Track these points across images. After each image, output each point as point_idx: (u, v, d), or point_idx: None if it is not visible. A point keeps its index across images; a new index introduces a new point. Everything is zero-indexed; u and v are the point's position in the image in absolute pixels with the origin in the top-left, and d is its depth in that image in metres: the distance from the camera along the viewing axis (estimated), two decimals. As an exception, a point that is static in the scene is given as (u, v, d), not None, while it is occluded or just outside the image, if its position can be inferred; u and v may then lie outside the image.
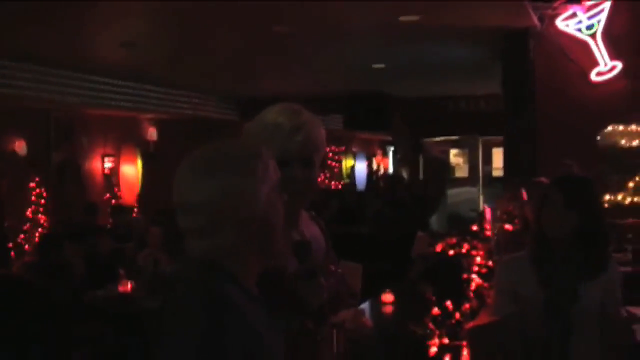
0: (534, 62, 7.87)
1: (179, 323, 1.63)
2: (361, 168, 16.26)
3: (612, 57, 7.66)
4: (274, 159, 1.81)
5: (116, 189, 10.69)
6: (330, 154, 16.00)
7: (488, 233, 4.61)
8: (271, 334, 1.71)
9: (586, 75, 7.73)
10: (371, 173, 16.33)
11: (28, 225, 9.17)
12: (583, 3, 7.60)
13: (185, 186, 1.69)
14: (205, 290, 1.64)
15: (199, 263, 1.70)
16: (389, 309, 5.11)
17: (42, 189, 9.42)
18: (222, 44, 8.61)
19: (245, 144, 1.87)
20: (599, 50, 7.67)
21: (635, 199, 7.38)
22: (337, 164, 16.47)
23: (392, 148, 17.30)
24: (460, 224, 6.22)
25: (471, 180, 17.77)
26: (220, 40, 8.31)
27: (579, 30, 7.70)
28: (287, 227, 2.19)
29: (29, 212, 9.22)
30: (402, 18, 7.14)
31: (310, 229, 2.37)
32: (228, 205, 1.66)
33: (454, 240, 4.82)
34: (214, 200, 1.66)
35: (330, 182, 15.88)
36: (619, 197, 7.41)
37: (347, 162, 16.78)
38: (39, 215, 9.33)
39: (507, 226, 4.30)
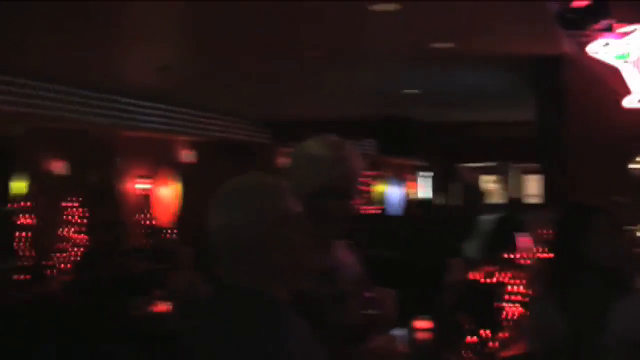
0: (567, 89, 7.86)
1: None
2: (393, 193, 16.25)
3: (647, 84, 7.63)
4: (294, 191, 1.89)
5: (151, 211, 10.80)
6: (363, 179, 15.99)
7: (522, 261, 4.60)
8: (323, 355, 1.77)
9: (620, 102, 7.71)
10: (404, 198, 16.32)
11: (65, 244, 9.30)
12: (616, 30, 7.60)
13: (213, 213, 1.80)
14: (269, 321, 1.70)
15: (244, 291, 1.75)
16: (423, 335, 5.11)
17: (79, 209, 9.56)
18: (255, 68, 8.72)
19: (268, 177, 1.93)
20: (633, 77, 7.65)
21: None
22: (369, 189, 16.47)
23: (425, 173, 17.28)
24: (493, 251, 6.23)
25: (504, 206, 17.66)
26: (252, 64, 8.42)
27: (612, 57, 7.69)
28: (320, 254, 2.25)
29: (65, 232, 9.36)
30: (435, 45, 7.20)
31: (344, 256, 2.42)
32: (253, 232, 1.74)
33: (490, 268, 4.82)
34: (240, 226, 1.75)
35: (362, 207, 15.88)
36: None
37: (379, 187, 16.77)
38: (76, 235, 9.46)
39: (544, 255, 4.30)
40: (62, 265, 8.96)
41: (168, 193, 10.72)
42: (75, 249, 9.27)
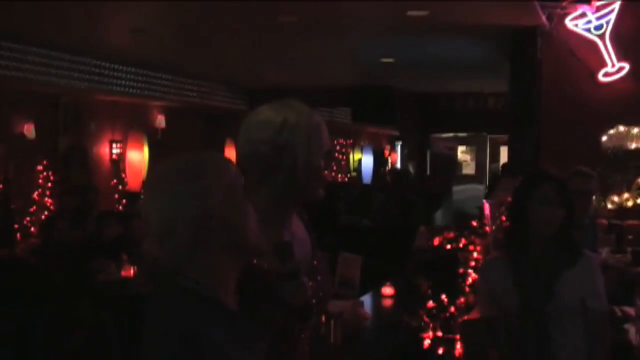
0: (541, 61, 7.86)
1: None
2: (368, 162, 16.27)
3: (620, 58, 7.65)
4: (234, 161, 1.86)
5: (123, 175, 10.74)
6: (338, 147, 16.02)
7: (487, 228, 4.63)
8: (249, 353, 1.75)
9: (593, 75, 7.73)
10: (378, 167, 16.35)
11: (34, 207, 9.23)
12: (592, 3, 7.60)
13: (143, 196, 1.79)
14: (179, 329, 1.68)
15: (174, 287, 1.73)
16: (388, 301, 5.15)
17: (49, 173, 9.49)
18: (230, 33, 8.64)
19: (202, 153, 1.89)
20: (607, 51, 7.66)
21: (638, 201, 7.38)
22: (344, 157, 16.48)
23: (400, 143, 17.32)
24: (464, 220, 6.26)
25: (478, 177, 17.79)
26: (227, 29, 8.34)
27: (588, 30, 7.69)
28: (276, 228, 2.19)
29: (35, 195, 9.29)
30: (411, 13, 7.16)
31: (298, 227, 2.36)
32: (178, 206, 1.71)
33: (451, 234, 4.85)
34: (165, 203, 1.73)
35: (337, 175, 15.92)
36: (622, 198, 7.42)
37: (354, 156, 16.80)
38: (46, 199, 9.40)
39: (502, 222, 4.33)
40: (32, 229, 8.92)
41: (141, 158, 10.64)
42: (46, 212, 9.22)
